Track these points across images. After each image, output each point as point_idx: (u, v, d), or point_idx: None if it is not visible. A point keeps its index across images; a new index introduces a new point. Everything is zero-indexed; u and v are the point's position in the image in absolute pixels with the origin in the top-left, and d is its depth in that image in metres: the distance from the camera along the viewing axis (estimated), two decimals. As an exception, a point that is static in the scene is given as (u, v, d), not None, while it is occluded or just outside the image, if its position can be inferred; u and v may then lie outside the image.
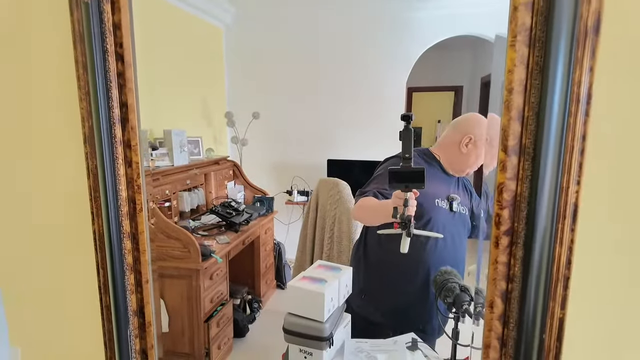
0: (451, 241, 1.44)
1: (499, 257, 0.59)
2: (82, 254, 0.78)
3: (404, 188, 1.07)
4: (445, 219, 1.42)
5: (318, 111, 3.95)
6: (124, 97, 0.70)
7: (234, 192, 3.58)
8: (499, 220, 0.58)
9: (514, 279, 0.58)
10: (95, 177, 0.72)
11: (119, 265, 0.74)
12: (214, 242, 2.64)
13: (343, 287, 1.29)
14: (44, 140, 0.78)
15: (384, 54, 3.74)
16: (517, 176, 0.57)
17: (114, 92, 0.68)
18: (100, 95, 0.68)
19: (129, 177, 0.72)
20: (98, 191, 0.72)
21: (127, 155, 0.72)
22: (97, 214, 0.73)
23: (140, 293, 0.76)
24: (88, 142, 0.71)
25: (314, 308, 1.19)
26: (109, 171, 0.70)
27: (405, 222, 1.06)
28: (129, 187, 0.73)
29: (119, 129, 0.70)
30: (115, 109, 0.69)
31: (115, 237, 0.73)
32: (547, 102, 0.53)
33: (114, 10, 0.68)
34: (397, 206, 1.09)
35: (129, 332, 0.77)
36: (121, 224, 0.72)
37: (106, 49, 0.67)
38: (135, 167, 0.72)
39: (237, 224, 2.88)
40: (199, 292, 2.33)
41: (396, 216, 1.08)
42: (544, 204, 0.55)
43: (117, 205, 0.72)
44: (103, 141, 0.69)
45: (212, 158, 3.32)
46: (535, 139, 0.55)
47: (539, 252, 0.56)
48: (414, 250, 1.13)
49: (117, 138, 0.70)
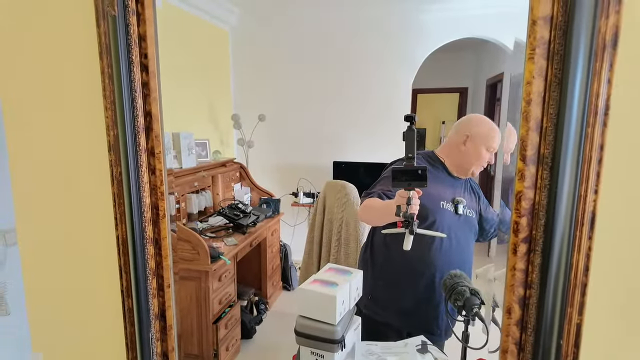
0: (457, 243, 1.45)
1: (517, 264, 0.60)
2: (106, 259, 0.80)
3: (407, 186, 1.09)
4: (450, 221, 1.43)
5: (324, 113, 3.96)
6: (148, 106, 0.72)
7: (240, 194, 3.59)
8: (517, 228, 0.60)
9: (531, 286, 0.60)
10: (120, 184, 0.74)
11: (142, 269, 0.75)
12: (222, 243, 2.66)
13: (354, 290, 1.30)
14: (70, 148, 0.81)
15: (390, 56, 3.75)
16: (536, 185, 0.58)
17: (138, 101, 0.70)
18: (126, 104, 0.70)
19: (152, 184, 0.74)
20: (122, 198, 0.74)
21: (150, 163, 0.74)
22: (120, 219, 0.75)
23: (162, 297, 0.78)
24: (113, 150, 0.73)
25: (326, 311, 1.20)
26: (133, 178, 0.72)
27: (408, 220, 1.08)
28: (152, 194, 0.75)
29: (143, 138, 0.72)
30: (140, 117, 0.71)
31: (138, 242, 0.75)
32: (565, 113, 0.55)
33: (139, 23, 0.70)
34: (400, 204, 1.11)
35: (151, 335, 0.79)
36: (144, 229, 0.74)
37: (131, 60, 0.69)
38: (159, 175, 0.74)
39: (245, 225, 2.89)
40: (208, 294, 2.35)
41: (399, 214, 1.10)
42: (562, 212, 0.56)
43: (140, 211, 0.74)
44: (128, 149, 0.71)
45: (219, 160, 3.34)
46: (553, 149, 0.56)
47: (557, 259, 0.57)
48: (419, 251, 1.15)
49: (141, 146, 0.72)
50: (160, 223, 0.75)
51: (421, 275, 1.44)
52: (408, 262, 1.41)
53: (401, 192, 1.12)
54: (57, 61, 0.78)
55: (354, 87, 3.86)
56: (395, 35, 3.69)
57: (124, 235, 0.75)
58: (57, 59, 0.77)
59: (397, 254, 1.37)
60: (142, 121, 0.72)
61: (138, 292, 0.76)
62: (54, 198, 0.83)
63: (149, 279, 0.76)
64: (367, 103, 3.84)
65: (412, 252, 1.14)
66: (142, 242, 0.75)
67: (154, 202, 0.75)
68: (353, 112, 3.89)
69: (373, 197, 1.41)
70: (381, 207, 1.33)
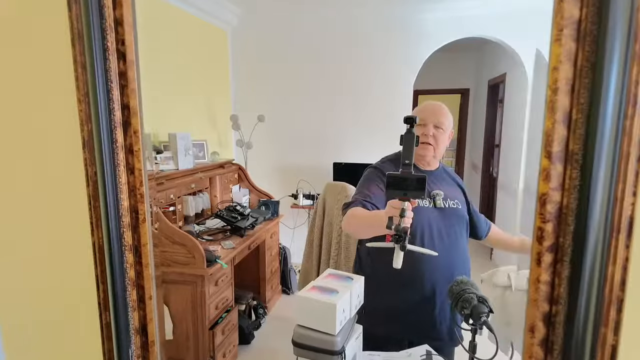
0: (447, 239, 1.39)
1: (541, 275, 0.53)
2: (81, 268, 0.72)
3: (402, 196, 0.98)
4: (430, 217, 1.37)
5: (324, 114, 3.90)
6: (126, 98, 0.64)
7: (239, 195, 3.53)
8: (542, 235, 0.52)
9: (558, 301, 0.52)
10: (95, 185, 0.66)
11: (120, 280, 0.68)
12: (219, 247, 2.59)
13: (355, 297, 1.23)
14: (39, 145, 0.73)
15: (391, 56, 3.69)
16: (563, 186, 0.51)
17: (115, 93, 0.63)
18: (100, 96, 0.63)
19: (131, 185, 0.67)
20: (98, 200, 0.66)
21: (129, 162, 0.66)
22: (96, 225, 0.67)
23: (143, 310, 0.70)
24: (87, 147, 0.66)
25: (325, 320, 1.13)
26: (110, 179, 0.65)
27: (400, 234, 0.96)
28: (131, 196, 0.67)
29: (120, 134, 0.65)
30: (117, 111, 0.64)
31: (116, 249, 0.67)
32: (599, 103, 0.47)
33: (115, 5, 0.62)
34: (393, 216, 0.99)
35: (131, 352, 0.71)
36: (122, 235, 0.67)
37: (107, 47, 0.62)
38: (138, 175, 0.66)
39: (243, 228, 2.82)
40: (204, 299, 2.28)
41: (391, 227, 0.97)
42: (595, 217, 0.49)
43: (118, 215, 0.66)
44: (103, 146, 0.64)
45: (217, 161, 3.28)
46: (584, 145, 0.49)
47: (589, 270, 0.50)
48: (407, 255, 1.05)
49: (119, 143, 0.65)
50: (140, 228, 0.68)
51: (413, 282, 1.38)
52: (397, 270, 1.33)
53: (394, 203, 1.01)
54: (24, 49, 0.70)
55: (354, 87, 3.81)
56: (396, 35, 3.64)
57: (100, 242, 0.68)
58: (24, 46, 0.70)
59: (383, 264, 1.29)
60: (119, 115, 0.64)
61: (116, 305, 0.69)
62: (22, 201, 0.75)
63: (128, 290, 0.69)
64: (368, 103, 3.78)
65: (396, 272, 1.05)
66: (120, 250, 0.67)
67: (132, 205, 0.67)
68: (354, 112, 3.83)
69: (356, 207, 1.32)
70: (369, 217, 1.24)
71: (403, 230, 0.96)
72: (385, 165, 1.46)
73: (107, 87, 0.63)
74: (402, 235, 0.97)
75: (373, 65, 3.74)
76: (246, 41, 3.89)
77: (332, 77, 3.83)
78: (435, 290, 1.39)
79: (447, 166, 1.60)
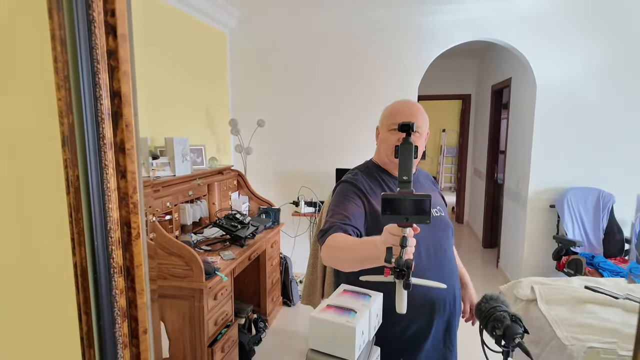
0: (430, 255, 1.25)
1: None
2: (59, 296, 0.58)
3: (402, 222, 0.79)
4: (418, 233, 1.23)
5: (326, 118, 3.78)
6: (117, 83, 0.51)
7: (238, 203, 3.39)
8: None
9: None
10: (77, 192, 0.53)
11: (108, 310, 0.54)
12: (219, 257, 2.44)
13: (374, 317, 1.10)
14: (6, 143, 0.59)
15: (394, 60, 3.60)
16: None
17: (102, 76, 0.50)
18: (84, 81, 0.49)
19: (122, 192, 0.53)
20: (80, 211, 0.53)
21: (119, 163, 0.53)
22: (78, 241, 0.54)
23: (137, 347, 0.56)
24: (67, 145, 0.52)
25: (343, 345, 1.00)
26: (95, 184, 0.51)
27: (402, 269, 0.77)
28: (122, 206, 0.53)
29: (108, 127, 0.51)
30: (105, 99, 0.50)
31: (102, 272, 0.53)
32: None
33: (104, -34, 0.50)
34: (392, 246, 0.81)
35: (121, 398, 0.57)
36: (111, 254, 0.53)
37: (92, 18, 0.49)
38: (131, 179, 0.53)
39: (243, 237, 2.68)
40: (202, 314, 2.13)
41: (391, 260, 0.78)
42: None
43: (105, 229, 0.53)
44: (87, 143, 0.51)
45: (216, 167, 3.15)
46: None
47: None
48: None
49: (107, 139, 0.51)
50: (132, 245, 0.54)
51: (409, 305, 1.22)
52: (387, 295, 1.11)
53: (392, 229, 0.82)
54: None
55: (357, 92, 3.70)
56: (399, 39, 3.55)
57: (83, 262, 0.54)
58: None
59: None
60: (108, 104, 0.51)
61: (102, 341, 0.55)
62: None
63: (118, 323, 0.55)
64: (371, 107, 3.66)
65: (388, 284, 0.85)
66: (108, 272, 0.53)
67: (124, 217, 0.54)
68: (357, 116, 3.72)
69: (336, 233, 1.11)
70: (358, 248, 1.03)
71: (406, 265, 0.77)
72: (359, 178, 1.31)
73: (93, 68, 0.49)
74: (404, 270, 0.77)
75: (377, 68, 3.64)
76: (246, 43, 3.79)
77: (334, 82, 3.72)
78: (433, 319, 1.27)
79: (422, 169, 1.49)
